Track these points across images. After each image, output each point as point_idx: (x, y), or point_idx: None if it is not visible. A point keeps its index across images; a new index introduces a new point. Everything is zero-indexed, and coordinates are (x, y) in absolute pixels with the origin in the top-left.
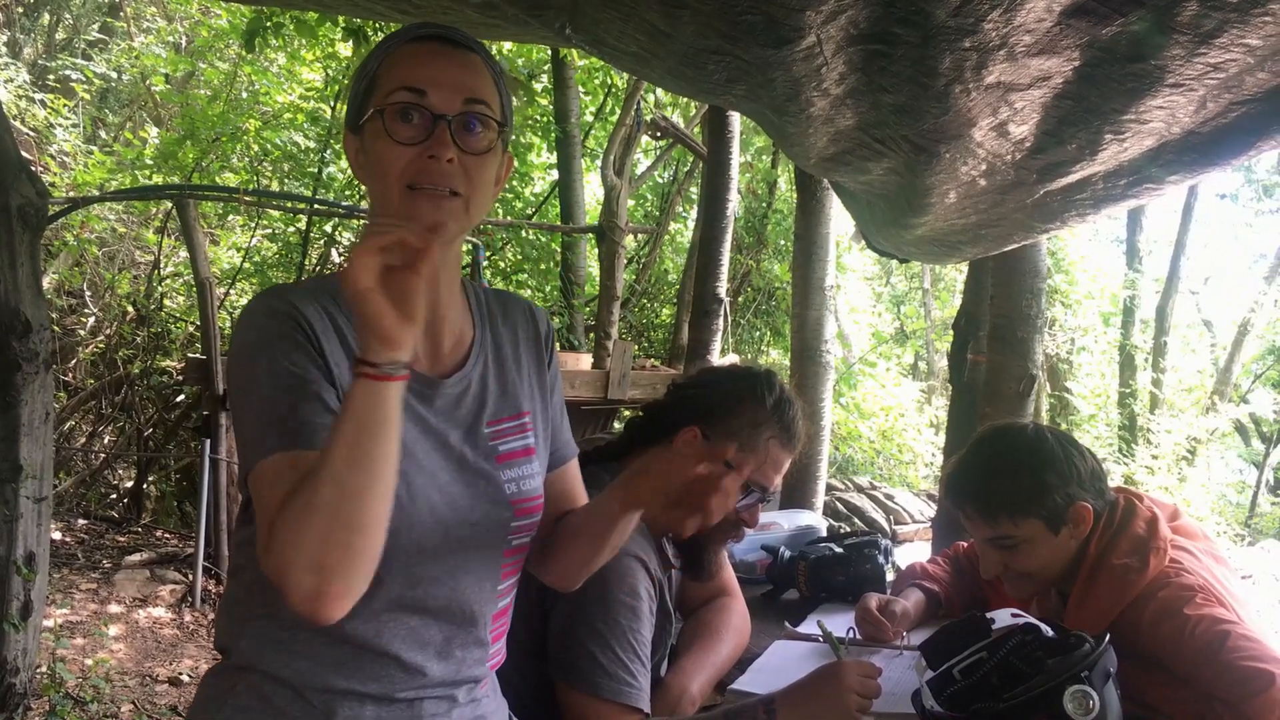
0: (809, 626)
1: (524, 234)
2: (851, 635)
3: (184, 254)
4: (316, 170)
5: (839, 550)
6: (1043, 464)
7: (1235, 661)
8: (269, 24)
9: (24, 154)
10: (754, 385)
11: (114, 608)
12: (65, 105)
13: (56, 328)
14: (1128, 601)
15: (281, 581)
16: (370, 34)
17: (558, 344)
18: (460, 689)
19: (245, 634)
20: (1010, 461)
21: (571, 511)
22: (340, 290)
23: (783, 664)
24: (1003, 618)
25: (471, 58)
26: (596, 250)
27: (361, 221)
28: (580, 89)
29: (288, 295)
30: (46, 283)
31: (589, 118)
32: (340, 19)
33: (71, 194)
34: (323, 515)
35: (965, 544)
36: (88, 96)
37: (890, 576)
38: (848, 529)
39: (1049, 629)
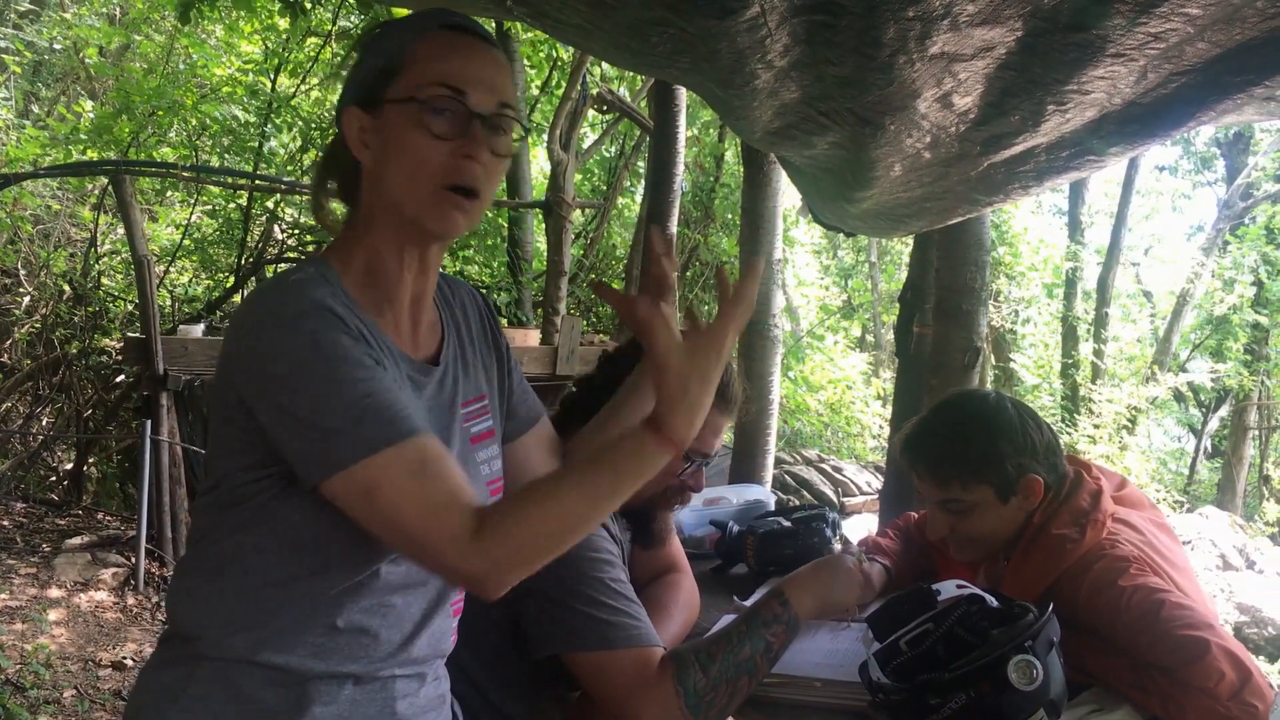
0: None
1: None
2: None
3: (121, 231)
4: (257, 145)
5: (787, 524)
6: (998, 432)
7: (1171, 630)
8: None
9: None
10: None
11: (54, 592)
12: None
13: None
14: (1060, 570)
15: (488, 573)
16: (309, 7)
17: (505, 320)
18: (430, 666)
19: (216, 621)
20: (967, 427)
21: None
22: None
23: None
24: (948, 589)
25: (500, 56)
26: (544, 225)
27: (304, 197)
28: (525, 62)
29: (310, 292)
30: None
31: (534, 91)
32: None
33: (3, 170)
34: (565, 524)
35: (915, 515)
36: (19, 70)
37: (837, 549)
38: (796, 502)
39: (993, 599)
